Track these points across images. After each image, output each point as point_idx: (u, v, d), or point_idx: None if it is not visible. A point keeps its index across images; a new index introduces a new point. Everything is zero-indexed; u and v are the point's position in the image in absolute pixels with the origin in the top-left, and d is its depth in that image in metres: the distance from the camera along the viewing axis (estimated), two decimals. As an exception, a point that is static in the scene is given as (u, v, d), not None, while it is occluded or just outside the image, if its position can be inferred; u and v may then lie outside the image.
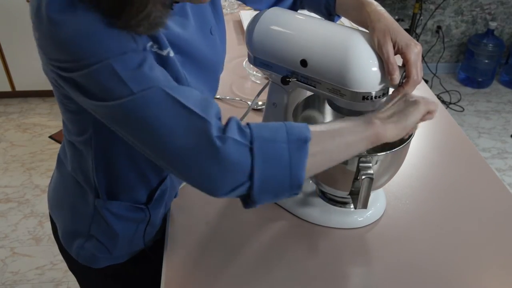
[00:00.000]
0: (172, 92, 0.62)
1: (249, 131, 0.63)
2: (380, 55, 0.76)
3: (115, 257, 0.96)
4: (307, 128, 0.66)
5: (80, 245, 0.94)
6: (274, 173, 0.63)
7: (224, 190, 0.63)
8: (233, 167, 0.61)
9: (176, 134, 0.62)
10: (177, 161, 0.63)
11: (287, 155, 0.63)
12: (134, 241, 0.96)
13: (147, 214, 0.92)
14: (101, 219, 0.90)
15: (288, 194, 0.66)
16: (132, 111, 0.62)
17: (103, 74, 0.61)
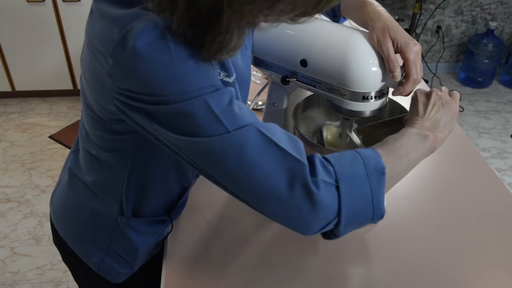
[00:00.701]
0: (266, 131, 0.62)
1: (332, 169, 0.64)
2: (380, 53, 0.76)
3: (134, 270, 0.94)
4: (379, 157, 0.67)
5: (100, 259, 0.90)
6: (358, 208, 0.65)
7: (315, 229, 0.65)
8: (325, 209, 0.63)
9: (272, 176, 0.62)
10: (269, 203, 0.63)
11: (369, 189, 0.65)
12: (152, 252, 0.94)
13: (169, 225, 0.91)
14: (123, 235, 0.87)
15: (370, 223, 0.69)
16: (226, 149, 0.60)
17: (197, 110, 0.59)
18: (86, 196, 0.87)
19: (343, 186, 0.63)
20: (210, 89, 0.60)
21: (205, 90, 0.59)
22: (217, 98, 0.60)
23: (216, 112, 0.59)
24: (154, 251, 0.96)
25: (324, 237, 0.70)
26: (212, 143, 0.60)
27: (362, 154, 0.66)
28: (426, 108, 0.79)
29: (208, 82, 0.60)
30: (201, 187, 1.04)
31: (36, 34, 2.79)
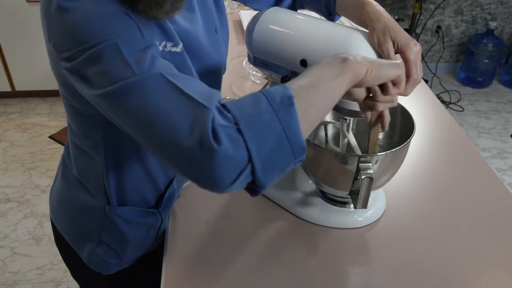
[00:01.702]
0: (174, 78, 0.60)
1: (230, 114, 0.58)
2: (381, 53, 0.76)
3: (124, 262, 0.95)
4: (287, 87, 0.61)
5: (91, 250, 0.92)
6: (272, 147, 0.58)
7: (226, 182, 0.58)
8: (231, 156, 0.56)
9: (174, 123, 0.58)
10: (172, 154, 0.59)
11: (278, 123, 0.58)
12: (144, 245, 0.95)
13: (159, 217, 0.91)
14: (112, 225, 0.89)
15: (293, 163, 0.61)
16: (130, 94, 0.59)
17: (107, 54, 0.59)
18: (76, 187, 0.90)
19: (245, 127, 0.57)
20: (123, 34, 0.60)
21: (118, 35, 0.60)
22: (129, 43, 0.60)
23: (125, 56, 0.59)
24: (148, 246, 0.96)
25: (251, 193, 0.63)
26: (119, 88, 0.59)
27: (266, 91, 0.60)
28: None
29: (122, 29, 0.61)
30: (201, 187, 1.04)
31: (36, 34, 2.79)
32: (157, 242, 0.98)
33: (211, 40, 0.84)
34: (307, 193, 0.99)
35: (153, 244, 0.96)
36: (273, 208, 0.99)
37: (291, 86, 0.62)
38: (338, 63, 0.65)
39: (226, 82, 1.44)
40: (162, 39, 0.70)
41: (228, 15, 1.95)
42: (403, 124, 0.92)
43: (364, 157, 0.80)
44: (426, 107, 1.34)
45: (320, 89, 0.63)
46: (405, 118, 0.91)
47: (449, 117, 1.30)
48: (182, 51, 0.73)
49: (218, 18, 0.89)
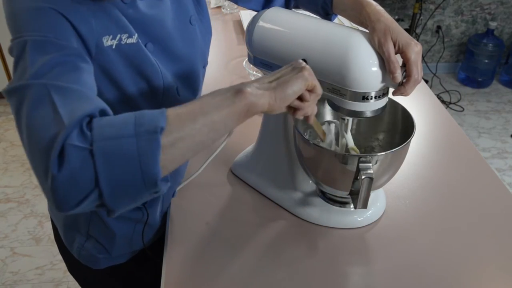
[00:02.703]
0: (55, 92, 0.57)
1: (90, 133, 0.55)
2: (381, 54, 0.76)
3: (114, 257, 0.97)
4: (162, 115, 0.57)
5: (81, 245, 0.94)
6: (122, 174, 0.54)
7: (71, 204, 0.54)
8: (74, 178, 0.53)
9: (35, 138, 0.56)
10: (33, 167, 0.57)
11: (135, 150, 0.54)
12: (134, 241, 0.96)
13: (145, 213, 0.92)
14: (98, 218, 0.90)
15: (146, 194, 0.57)
16: (14, 97, 0.59)
17: (17, 51, 0.62)
18: None
19: (98, 150, 0.53)
20: (38, 35, 0.61)
21: (33, 33, 0.61)
22: (38, 44, 0.61)
23: (28, 57, 0.60)
24: (138, 242, 0.97)
25: (107, 214, 0.59)
26: (11, 88, 0.59)
27: (139, 114, 0.57)
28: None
29: (43, 30, 0.62)
30: (201, 187, 1.04)
31: (36, 34, 2.79)
32: (149, 239, 0.98)
33: (183, 29, 0.84)
34: (307, 193, 0.99)
35: (144, 241, 0.97)
36: (273, 208, 0.99)
37: (169, 112, 0.58)
38: (230, 95, 0.61)
39: (226, 82, 1.44)
40: (116, 33, 0.70)
41: (228, 15, 1.95)
42: (403, 124, 0.92)
43: (364, 157, 0.80)
44: (426, 107, 1.34)
45: (199, 122, 0.58)
46: (405, 118, 0.91)
47: (449, 117, 1.30)
48: (138, 42, 0.73)
49: (196, 9, 0.89)
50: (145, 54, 0.75)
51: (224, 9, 1.99)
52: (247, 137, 1.11)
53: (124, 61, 0.73)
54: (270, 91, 0.63)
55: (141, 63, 0.75)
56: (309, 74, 0.66)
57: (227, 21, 1.91)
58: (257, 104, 0.62)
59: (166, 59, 0.80)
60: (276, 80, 0.65)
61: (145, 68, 0.76)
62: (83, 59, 0.64)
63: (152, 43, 0.77)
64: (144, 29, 0.76)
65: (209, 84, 1.40)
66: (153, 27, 0.77)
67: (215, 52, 1.64)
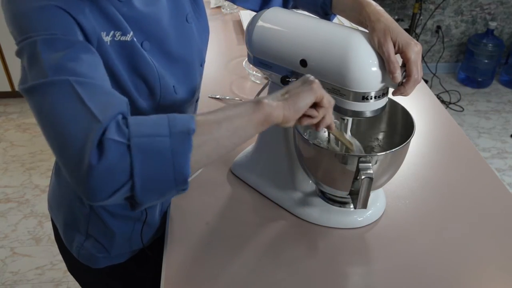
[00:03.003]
0: (79, 86, 0.60)
1: (127, 129, 0.58)
2: (381, 54, 0.76)
3: (114, 256, 0.97)
4: (192, 119, 0.61)
5: (80, 244, 0.95)
6: (155, 169, 0.58)
7: (105, 194, 0.57)
8: (112, 169, 0.56)
9: (66, 131, 0.58)
10: (63, 159, 0.59)
11: (169, 149, 0.58)
12: (133, 240, 0.96)
13: (143, 212, 0.92)
14: (97, 217, 0.90)
15: (175, 190, 0.61)
16: (36, 95, 0.60)
17: (28, 52, 0.62)
18: (65, 179, 0.91)
19: (136, 145, 0.57)
20: (47, 34, 0.62)
21: (42, 32, 0.62)
22: (49, 42, 0.62)
23: (42, 56, 0.61)
24: (137, 241, 0.97)
25: (130, 207, 0.63)
26: (30, 88, 0.61)
27: (171, 116, 0.61)
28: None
29: (51, 28, 0.63)
30: (201, 187, 1.04)
31: (36, 34, 2.79)
32: (148, 238, 0.99)
33: (180, 27, 0.85)
34: (307, 193, 0.99)
35: (144, 240, 0.97)
36: (273, 208, 0.99)
37: (197, 117, 0.63)
38: (250, 104, 0.67)
39: (226, 82, 1.44)
40: (110, 29, 0.71)
41: (228, 15, 1.95)
42: (403, 124, 0.92)
43: (364, 157, 0.81)
44: (426, 107, 1.34)
45: (224, 126, 0.63)
46: (405, 118, 0.91)
47: (449, 117, 1.30)
48: (132, 40, 0.74)
49: (193, 8, 0.90)
50: (140, 52, 0.76)
51: (224, 9, 1.99)
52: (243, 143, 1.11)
53: (119, 57, 0.74)
54: (283, 102, 0.68)
55: (136, 61, 0.76)
56: (317, 87, 0.70)
57: (227, 21, 1.91)
58: (273, 114, 0.67)
59: (163, 57, 0.81)
60: (288, 93, 0.70)
61: (140, 66, 0.76)
62: (92, 52, 0.66)
63: (148, 41, 0.78)
64: (140, 27, 0.76)
65: (209, 84, 1.40)
66: (149, 25, 0.78)
67: (215, 52, 1.64)
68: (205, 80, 0.98)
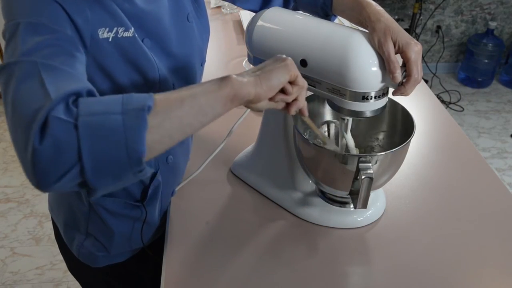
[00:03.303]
0: (44, 69, 0.58)
1: (76, 108, 0.55)
2: (381, 54, 0.76)
3: (113, 255, 0.97)
4: (150, 96, 0.57)
5: (80, 243, 0.95)
6: (106, 148, 0.54)
7: (51, 179, 0.53)
8: (56, 150, 0.52)
9: (21, 111, 0.55)
10: (14, 140, 0.57)
11: (121, 127, 0.54)
12: (132, 240, 0.96)
13: (143, 211, 0.92)
14: (97, 216, 0.90)
15: (130, 173, 0.57)
16: (3, 73, 0.59)
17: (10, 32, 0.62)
18: None
19: (83, 124, 0.53)
20: (31, 19, 0.62)
21: (26, 17, 0.62)
22: (31, 27, 0.61)
23: (19, 37, 0.60)
24: (137, 241, 0.97)
25: (87, 194, 0.59)
26: (2, 67, 0.59)
27: (128, 95, 0.58)
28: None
29: (37, 14, 0.62)
30: (201, 187, 1.04)
31: (36, 34, 2.79)
32: (148, 238, 0.99)
33: (180, 26, 0.85)
34: (307, 193, 0.99)
35: (143, 239, 0.97)
36: (273, 208, 0.99)
37: (157, 96, 0.59)
38: (216, 81, 0.63)
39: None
40: (113, 26, 0.71)
41: (228, 15, 1.95)
42: (403, 124, 0.92)
43: (364, 157, 0.81)
44: (426, 107, 1.34)
45: (187, 103, 0.60)
46: (405, 118, 0.91)
47: (449, 117, 1.30)
48: (134, 36, 0.74)
49: (194, 7, 0.90)
50: (142, 48, 0.76)
51: (224, 9, 1.99)
52: (247, 137, 1.11)
53: (119, 54, 0.73)
54: (255, 78, 0.65)
55: (137, 57, 0.75)
56: (291, 64, 0.68)
57: (227, 21, 1.91)
58: (243, 90, 0.63)
59: (163, 55, 0.81)
60: (260, 69, 0.67)
61: (140, 62, 0.76)
62: (76, 48, 0.65)
63: (149, 38, 0.78)
64: (141, 24, 0.76)
65: (209, 84, 1.40)
66: (150, 22, 0.78)
67: (215, 52, 1.64)
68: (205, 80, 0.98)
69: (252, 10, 0.99)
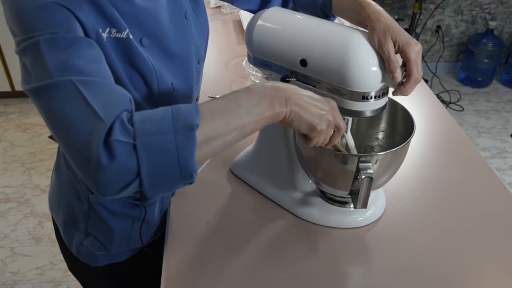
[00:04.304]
0: (83, 86, 0.61)
1: (132, 128, 0.59)
2: (381, 54, 0.76)
3: (113, 254, 0.97)
4: (196, 113, 0.61)
5: (80, 242, 0.95)
6: (162, 167, 0.60)
7: (112, 191, 0.60)
8: (119, 169, 0.58)
9: (72, 131, 0.60)
10: (72, 157, 0.61)
11: (174, 146, 0.59)
12: (132, 239, 0.96)
13: (142, 210, 0.92)
14: (96, 215, 0.91)
15: (182, 184, 0.63)
16: (41, 96, 0.61)
17: (32, 51, 0.62)
18: (66, 177, 0.92)
19: (141, 144, 0.58)
20: (50, 33, 0.62)
21: (45, 31, 0.62)
22: (53, 42, 0.62)
23: (46, 56, 0.61)
24: (136, 240, 0.97)
25: (141, 199, 0.66)
26: (35, 88, 0.61)
27: (176, 109, 0.62)
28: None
29: (54, 26, 0.63)
30: (201, 187, 1.04)
31: (36, 34, 2.79)
32: (147, 237, 0.99)
33: (178, 24, 0.85)
34: (307, 193, 0.99)
35: (143, 239, 0.97)
36: (273, 208, 0.99)
37: (203, 109, 0.63)
38: (264, 103, 0.66)
39: (226, 82, 1.44)
40: (105, 26, 0.71)
41: (228, 15, 1.95)
42: (403, 124, 0.92)
43: (364, 157, 0.80)
44: (426, 107, 1.34)
45: (231, 124, 0.64)
46: (405, 118, 0.91)
47: (449, 117, 1.30)
48: (128, 37, 0.74)
49: (192, 5, 0.90)
50: (136, 49, 0.76)
51: (224, 9, 1.99)
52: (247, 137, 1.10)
53: (116, 54, 0.74)
54: (302, 110, 0.68)
55: (132, 57, 0.76)
56: (333, 111, 0.72)
57: (227, 21, 1.91)
58: (282, 116, 0.68)
59: (161, 54, 0.81)
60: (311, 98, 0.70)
61: (137, 63, 0.76)
62: (95, 47, 0.67)
63: (147, 37, 0.78)
64: (139, 22, 0.76)
65: (210, 83, 1.40)
66: (148, 20, 0.78)
67: (215, 52, 1.64)
68: (205, 80, 0.98)
69: (250, 10, 0.99)
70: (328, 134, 0.73)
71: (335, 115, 0.72)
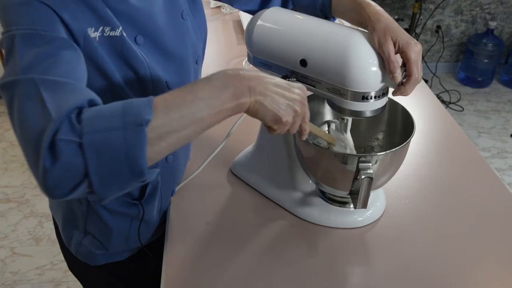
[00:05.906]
0: (43, 85, 0.59)
1: (79, 125, 0.56)
2: (381, 54, 0.76)
3: (112, 254, 0.97)
4: (149, 107, 0.58)
5: (78, 242, 0.95)
6: (110, 165, 0.57)
7: (61, 192, 0.57)
8: (65, 169, 0.55)
9: (25, 130, 0.58)
10: (26, 157, 0.58)
11: (122, 145, 0.56)
12: (130, 238, 0.96)
13: (141, 209, 0.92)
14: (95, 214, 0.91)
15: (134, 183, 0.60)
16: (4, 92, 0.61)
17: (6, 45, 0.62)
18: None
19: (88, 144, 0.55)
20: (26, 29, 0.62)
21: (22, 27, 0.62)
22: (27, 38, 0.62)
23: (17, 51, 0.61)
24: (135, 239, 0.97)
25: (98, 201, 0.63)
26: (4, 85, 0.61)
27: (127, 104, 0.58)
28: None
29: (31, 23, 0.63)
30: (201, 187, 1.04)
31: (36, 34, 2.79)
32: (146, 237, 0.99)
33: (174, 24, 0.84)
34: (307, 193, 0.99)
35: (142, 238, 0.97)
36: (273, 208, 0.99)
37: (157, 103, 0.59)
38: (225, 94, 0.62)
39: (226, 82, 1.44)
40: (98, 25, 0.71)
41: (228, 15, 1.95)
42: (403, 124, 0.92)
43: (364, 157, 0.81)
44: (426, 107, 1.34)
45: (187, 118, 0.60)
46: (405, 118, 0.91)
47: (449, 117, 1.30)
48: (122, 35, 0.74)
49: (189, 5, 0.90)
50: (130, 47, 0.75)
51: (224, 9, 1.99)
52: (247, 137, 1.11)
53: (109, 53, 0.73)
54: (271, 99, 0.65)
55: (126, 56, 0.75)
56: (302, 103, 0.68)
57: (227, 21, 1.91)
58: (247, 106, 0.64)
59: (156, 52, 0.81)
60: (279, 87, 0.66)
61: (131, 61, 0.76)
62: (73, 49, 0.65)
63: (142, 35, 0.77)
64: (133, 21, 0.76)
65: (209, 84, 1.40)
66: (142, 19, 0.77)
67: (215, 52, 1.64)
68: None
69: (250, 11, 0.99)
70: (295, 126, 0.69)
71: (302, 104, 0.68)
